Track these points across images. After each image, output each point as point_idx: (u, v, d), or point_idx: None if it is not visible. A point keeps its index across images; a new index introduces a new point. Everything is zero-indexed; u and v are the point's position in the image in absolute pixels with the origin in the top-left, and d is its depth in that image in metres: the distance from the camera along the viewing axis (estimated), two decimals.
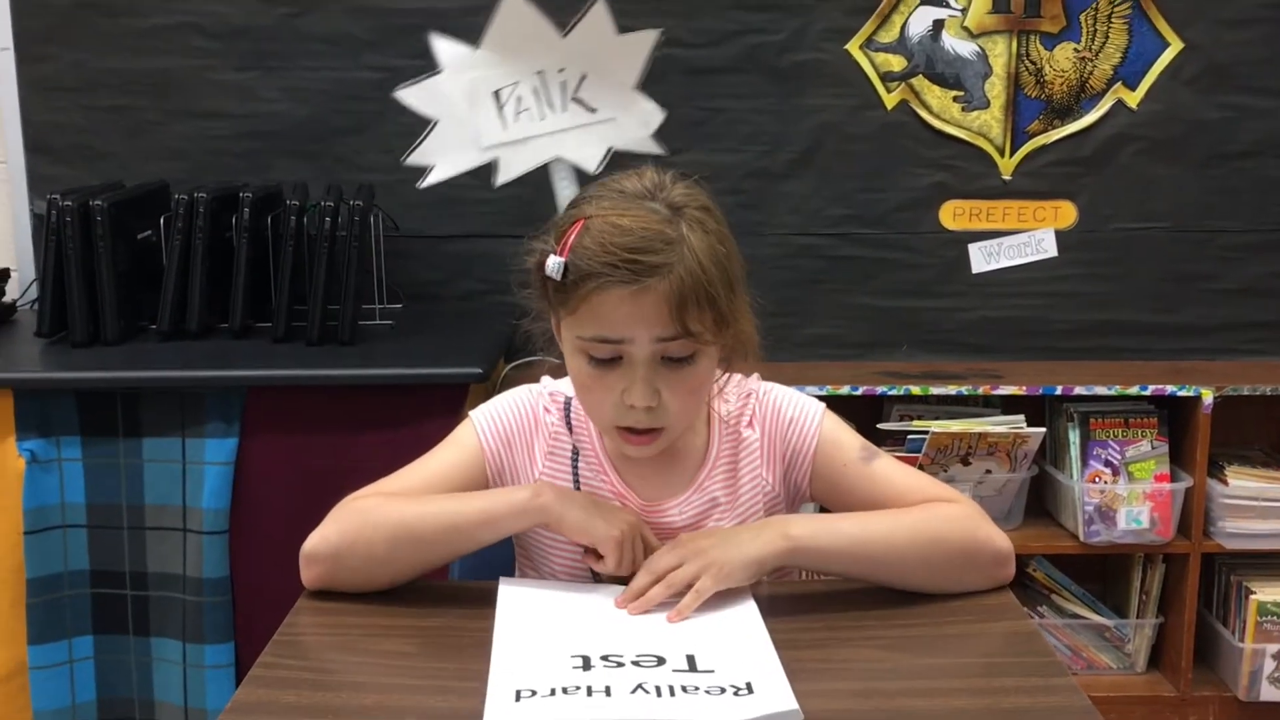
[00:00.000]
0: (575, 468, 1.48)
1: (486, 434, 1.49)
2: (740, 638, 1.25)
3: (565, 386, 1.50)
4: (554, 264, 1.32)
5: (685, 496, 1.47)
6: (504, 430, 1.50)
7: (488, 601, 1.33)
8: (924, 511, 1.41)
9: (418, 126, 2.73)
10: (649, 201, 1.34)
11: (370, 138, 2.75)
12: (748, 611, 1.31)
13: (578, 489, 1.47)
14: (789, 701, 1.11)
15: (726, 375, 1.47)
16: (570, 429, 1.50)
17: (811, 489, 1.51)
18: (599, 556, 1.37)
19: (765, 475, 1.50)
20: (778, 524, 1.38)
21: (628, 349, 1.33)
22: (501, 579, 1.40)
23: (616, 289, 1.29)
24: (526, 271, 1.40)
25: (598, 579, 1.43)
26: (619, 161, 2.58)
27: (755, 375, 1.51)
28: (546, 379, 1.55)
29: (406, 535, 1.37)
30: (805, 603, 1.39)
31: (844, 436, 1.50)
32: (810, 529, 1.36)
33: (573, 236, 1.32)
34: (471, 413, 1.52)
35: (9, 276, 2.68)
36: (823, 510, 1.51)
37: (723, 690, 1.13)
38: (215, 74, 2.72)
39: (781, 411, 1.50)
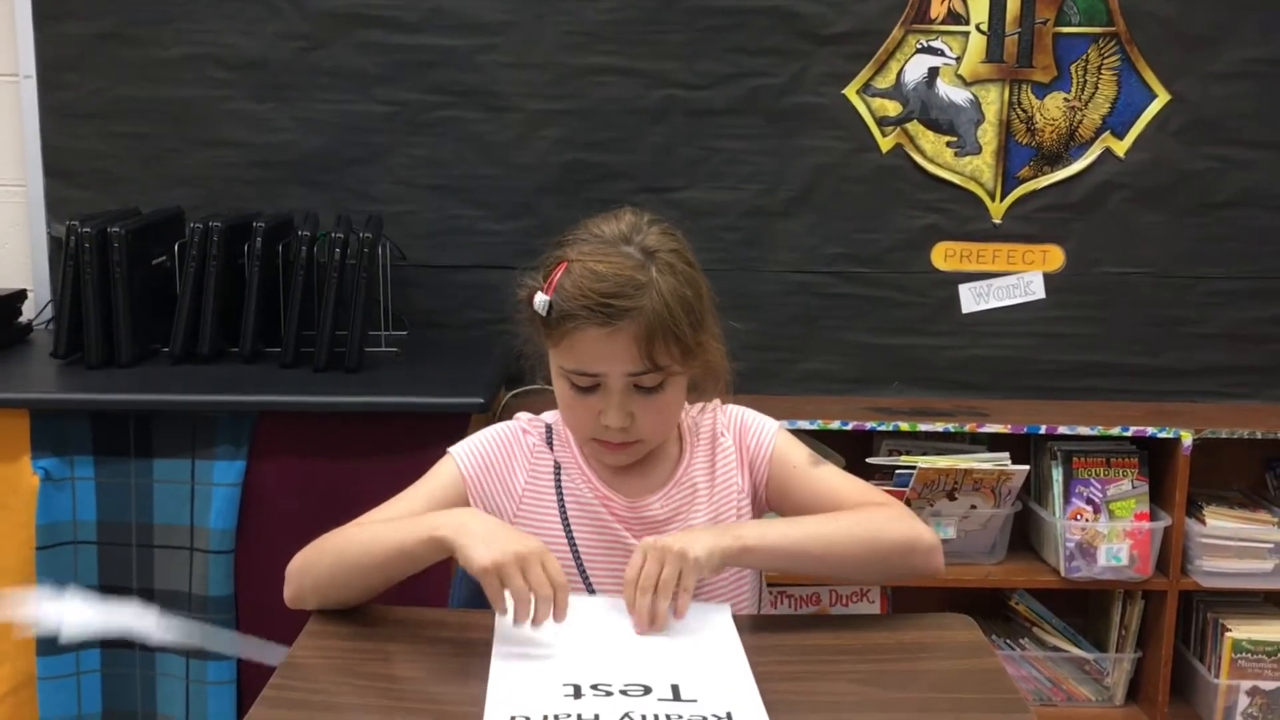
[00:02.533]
0: (558, 481, 1.59)
1: (467, 464, 1.59)
2: (722, 670, 1.32)
3: (543, 416, 1.65)
4: (540, 301, 1.48)
5: (665, 491, 1.58)
6: (484, 458, 1.60)
7: (485, 628, 1.40)
8: (861, 513, 1.54)
9: (427, 158, 2.82)
10: (625, 246, 1.48)
11: (380, 169, 2.83)
12: (730, 644, 1.38)
13: (561, 501, 1.58)
14: None
15: (700, 406, 1.62)
16: (551, 448, 1.61)
17: (767, 492, 1.63)
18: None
19: (738, 478, 1.62)
20: (730, 527, 1.49)
21: (603, 380, 1.47)
22: (497, 618, 1.45)
23: (592, 329, 1.44)
24: (519, 302, 1.54)
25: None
26: None
27: (716, 401, 1.64)
28: (522, 414, 1.67)
29: (341, 563, 1.47)
30: (785, 637, 1.46)
31: (795, 447, 1.65)
32: (758, 531, 1.48)
33: (557, 277, 1.48)
34: (450, 449, 1.62)
35: (25, 297, 2.76)
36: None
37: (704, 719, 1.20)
38: (231, 104, 2.80)
39: (745, 424, 1.65)
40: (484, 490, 1.59)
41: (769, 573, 1.50)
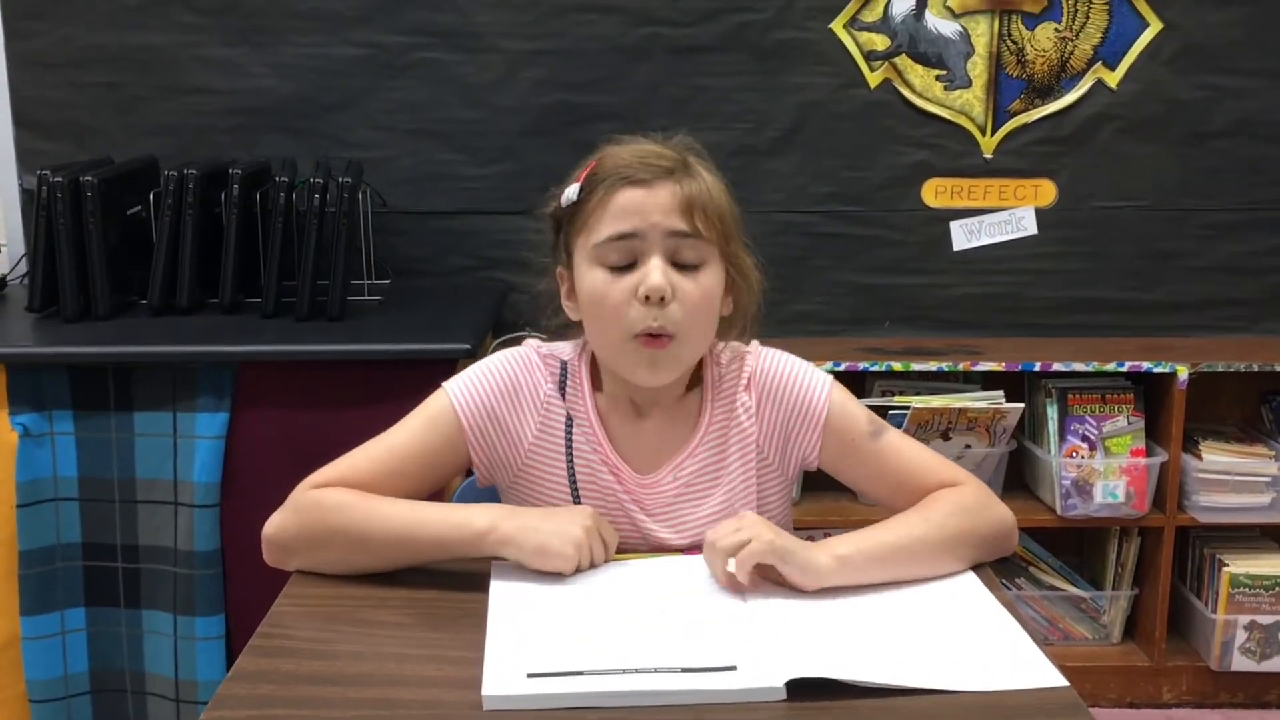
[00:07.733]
0: (569, 436, 1.48)
1: (466, 410, 1.46)
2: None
3: (559, 350, 1.51)
4: (571, 190, 1.42)
5: (678, 462, 1.48)
6: (486, 403, 1.47)
7: (479, 572, 1.36)
8: (945, 505, 1.42)
9: (405, 102, 2.76)
10: (661, 147, 1.44)
11: (358, 114, 2.77)
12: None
13: (570, 459, 1.47)
14: (774, 679, 1.14)
15: (730, 349, 1.51)
16: (564, 395, 1.48)
17: (821, 459, 1.51)
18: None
19: (759, 442, 1.50)
20: (825, 546, 1.35)
21: (641, 245, 1.38)
22: (494, 563, 1.39)
23: (629, 188, 1.38)
24: (546, 216, 1.47)
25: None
26: None
27: (755, 342, 1.53)
28: (532, 341, 1.53)
29: (361, 546, 1.38)
30: None
31: (853, 408, 1.51)
32: (854, 546, 1.35)
33: (588, 171, 1.43)
34: (445, 384, 1.49)
35: None
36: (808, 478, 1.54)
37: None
38: (203, 50, 2.73)
39: (788, 378, 1.50)
40: (485, 442, 1.47)
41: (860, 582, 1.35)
